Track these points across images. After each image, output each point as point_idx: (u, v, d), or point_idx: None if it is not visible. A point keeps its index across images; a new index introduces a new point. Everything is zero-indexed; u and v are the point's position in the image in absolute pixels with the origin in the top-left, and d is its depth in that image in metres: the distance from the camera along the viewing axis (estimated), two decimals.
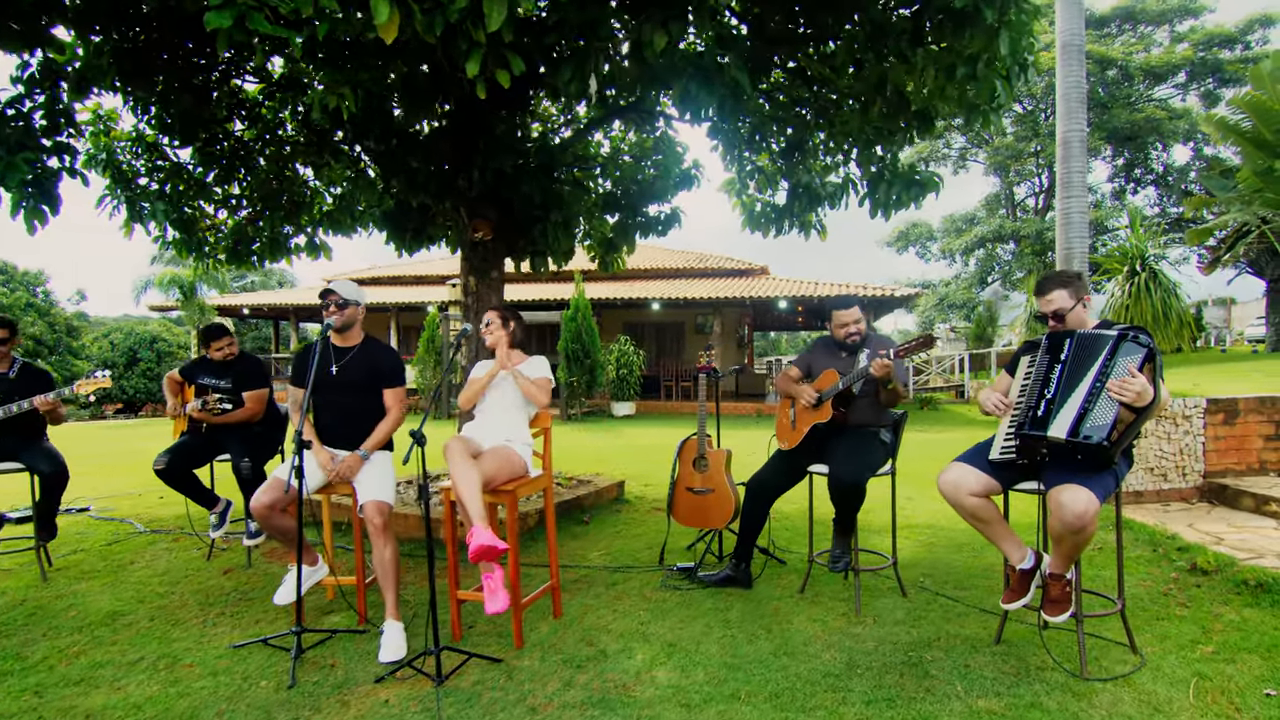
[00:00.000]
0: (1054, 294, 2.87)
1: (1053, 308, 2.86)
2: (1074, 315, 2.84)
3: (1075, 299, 2.83)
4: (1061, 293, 2.85)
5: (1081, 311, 2.84)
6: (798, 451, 3.60)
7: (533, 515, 5.05)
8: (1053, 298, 2.87)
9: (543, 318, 16.47)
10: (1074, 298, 2.83)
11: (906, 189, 5.56)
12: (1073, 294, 2.83)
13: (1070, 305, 2.83)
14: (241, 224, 6.66)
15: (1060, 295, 2.85)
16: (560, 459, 8.97)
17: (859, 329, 3.60)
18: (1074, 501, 2.46)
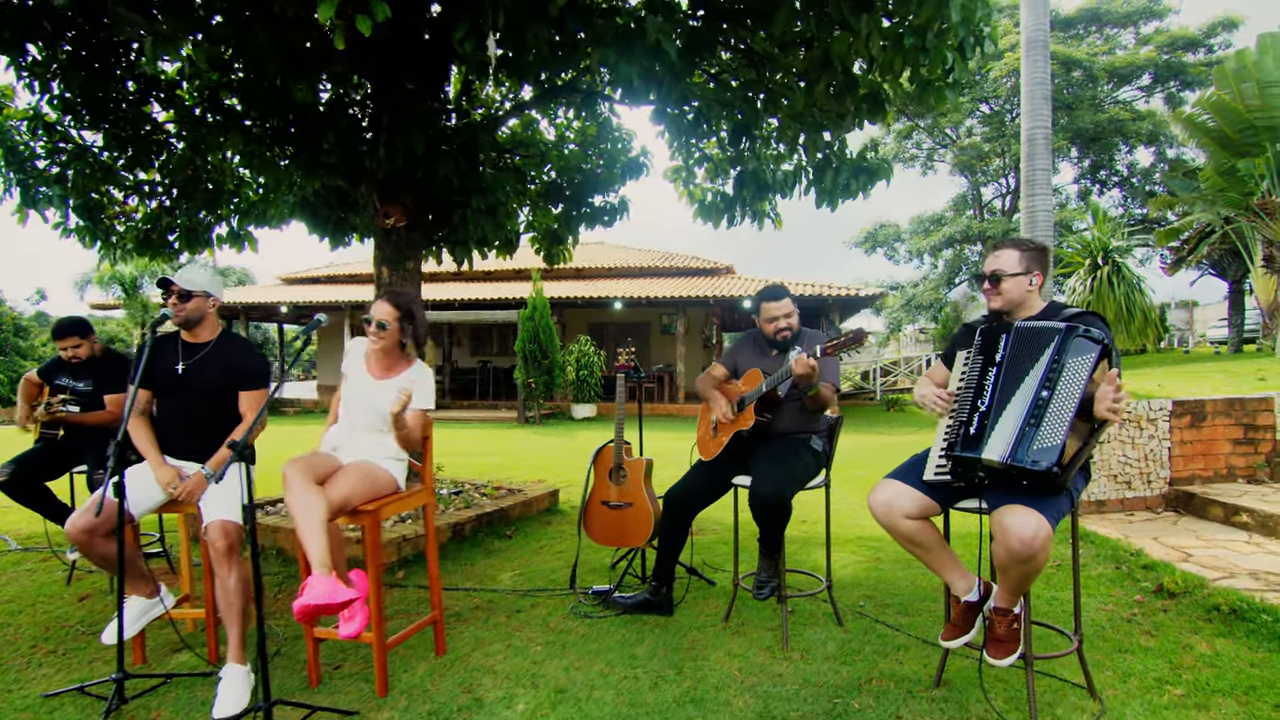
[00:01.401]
0: (1003, 251, 2.43)
1: (994, 266, 2.43)
2: (1014, 285, 2.39)
3: (1024, 268, 2.40)
4: (1011, 254, 2.41)
5: (1026, 287, 2.40)
6: (719, 462, 3.17)
7: (445, 530, 4.57)
8: (1000, 255, 2.43)
9: (500, 317, 15.94)
10: (1023, 266, 2.40)
11: (855, 176, 5.18)
12: (1023, 261, 2.41)
13: (1013, 272, 2.40)
14: (155, 212, 6.10)
15: (1008, 257, 2.41)
16: (504, 464, 8.48)
17: (790, 324, 3.17)
18: (1021, 526, 2.04)
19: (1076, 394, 2.05)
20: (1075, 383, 2.07)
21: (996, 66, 23.05)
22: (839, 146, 5.35)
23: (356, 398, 2.84)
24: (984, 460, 2.13)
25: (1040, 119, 14.09)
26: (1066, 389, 2.07)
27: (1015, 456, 2.06)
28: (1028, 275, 2.41)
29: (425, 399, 2.86)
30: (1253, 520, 4.11)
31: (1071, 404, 2.04)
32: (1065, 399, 2.06)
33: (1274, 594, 3.08)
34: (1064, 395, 2.07)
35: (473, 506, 5.09)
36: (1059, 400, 2.07)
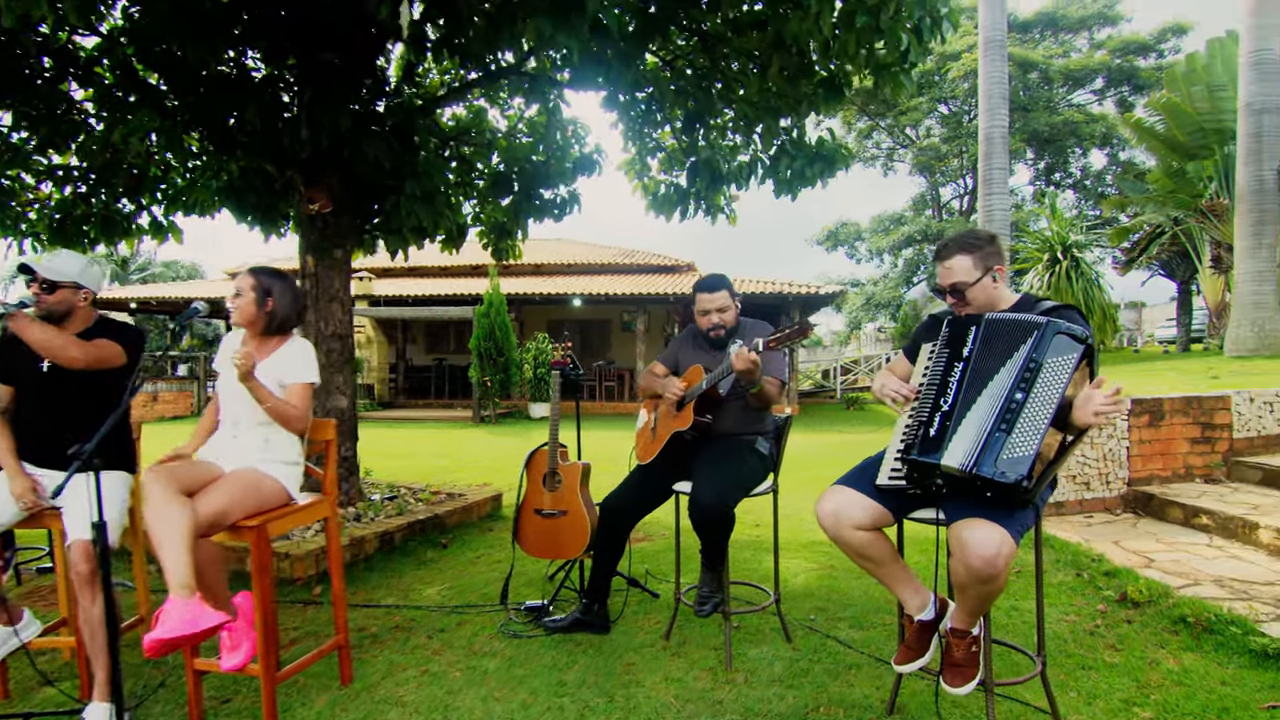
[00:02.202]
0: (953, 260, 2.22)
1: (951, 280, 2.21)
2: (979, 291, 2.19)
3: (982, 269, 2.19)
4: (964, 260, 2.19)
5: (991, 287, 2.20)
6: (658, 466, 2.91)
7: (371, 540, 4.23)
8: (952, 265, 2.21)
9: (456, 313, 15.49)
10: (980, 267, 2.19)
11: (812, 164, 4.97)
12: (979, 262, 2.19)
13: (974, 279, 2.19)
14: (69, 199, 5.64)
15: (961, 264, 2.19)
16: (452, 466, 8.12)
17: (723, 320, 2.91)
18: (981, 543, 1.82)
19: (1054, 398, 1.82)
20: (1054, 385, 1.84)
21: (954, 67, 23.25)
22: (796, 134, 5.14)
23: (231, 393, 2.50)
24: (943, 467, 1.90)
25: (998, 118, 14.18)
26: (1043, 392, 1.84)
27: (980, 465, 1.83)
28: (988, 274, 2.19)
29: (303, 371, 2.55)
30: (1213, 522, 3.99)
31: (1048, 409, 1.82)
32: (1041, 403, 1.83)
33: (1240, 603, 2.92)
34: (1040, 399, 1.84)
35: (405, 513, 4.76)
36: (1034, 404, 1.84)
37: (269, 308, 2.54)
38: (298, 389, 2.51)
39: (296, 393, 2.51)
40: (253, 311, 2.52)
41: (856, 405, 17.21)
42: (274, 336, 2.59)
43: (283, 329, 2.62)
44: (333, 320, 4.78)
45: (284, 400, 2.46)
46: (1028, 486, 1.78)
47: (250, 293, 2.52)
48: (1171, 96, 15.42)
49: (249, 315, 2.52)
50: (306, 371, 2.54)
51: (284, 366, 2.52)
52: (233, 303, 2.55)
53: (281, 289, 2.62)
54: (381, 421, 14.56)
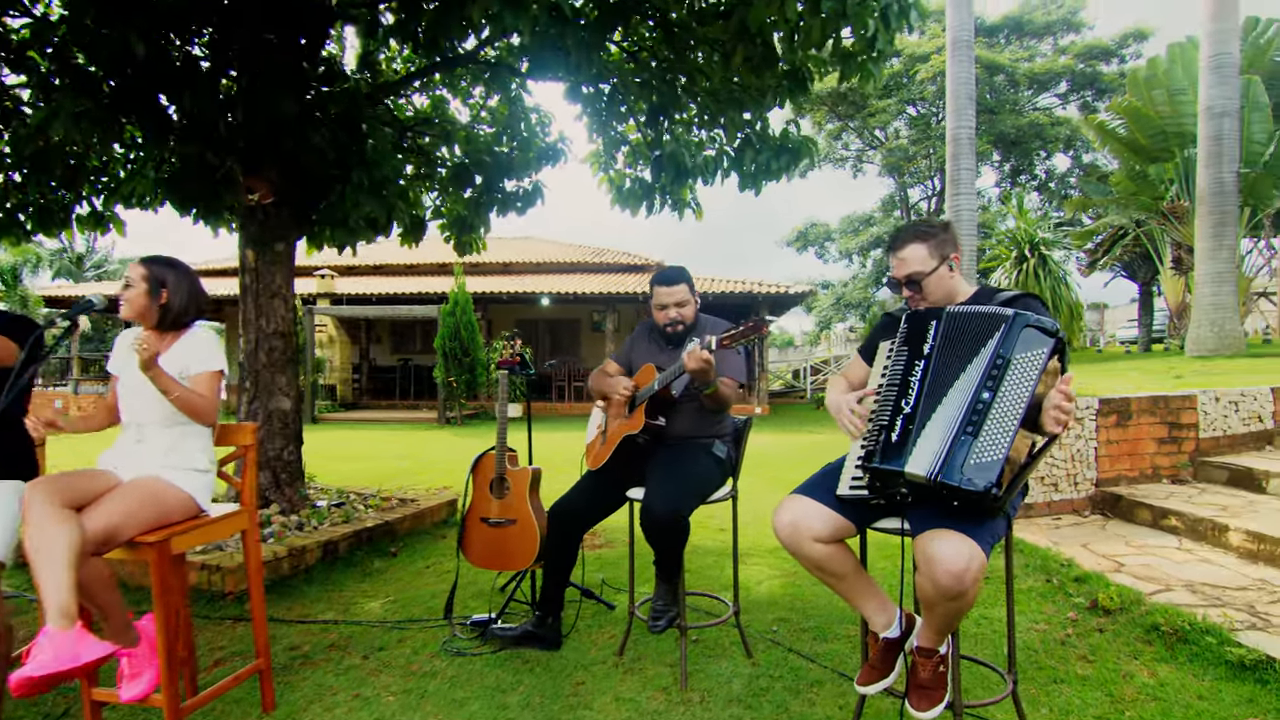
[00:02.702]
0: (908, 250, 2.07)
1: (906, 270, 2.06)
2: (936, 282, 2.05)
3: (938, 258, 2.05)
4: (918, 249, 2.05)
5: (948, 276, 2.06)
6: (610, 471, 2.73)
7: (313, 550, 4.00)
8: (906, 255, 2.07)
9: (422, 312, 15.15)
10: (936, 256, 2.05)
11: (776, 156, 4.83)
12: (934, 251, 2.05)
13: (930, 268, 2.04)
14: (1, 188, 5.30)
15: (916, 253, 2.05)
16: (412, 469, 7.84)
17: (681, 315, 2.74)
18: (950, 557, 1.66)
19: (1024, 397, 1.68)
20: (1023, 384, 1.69)
21: (923, 69, 23.40)
22: (760, 126, 5.00)
23: (133, 392, 2.26)
24: (907, 475, 1.74)
25: (965, 119, 14.22)
26: (1012, 391, 1.70)
27: (946, 473, 1.67)
28: (944, 263, 2.05)
29: (208, 359, 2.32)
30: (1182, 524, 3.92)
31: (1017, 410, 1.67)
32: (1010, 403, 1.69)
33: (1214, 609, 2.83)
34: (1009, 399, 1.69)
35: (353, 521, 4.52)
36: (1003, 405, 1.69)
37: (163, 300, 2.31)
38: (204, 378, 2.28)
39: (203, 382, 2.27)
40: (144, 304, 2.28)
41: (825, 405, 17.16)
42: (170, 331, 2.35)
43: (179, 323, 2.37)
44: (274, 317, 4.52)
45: (192, 390, 2.23)
46: (998, 495, 1.63)
47: (142, 283, 2.28)
48: (1133, 100, 15.62)
49: (140, 308, 2.28)
50: (211, 359, 2.31)
51: (186, 357, 2.29)
52: (123, 295, 2.31)
53: (177, 279, 2.38)
54: (344, 423, 14.19)
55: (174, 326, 2.34)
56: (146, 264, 2.32)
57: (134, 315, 2.30)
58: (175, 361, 2.29)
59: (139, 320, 2.32)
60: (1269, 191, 14.02)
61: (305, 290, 16.09)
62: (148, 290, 2.27)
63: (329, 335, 16.92)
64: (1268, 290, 19.17)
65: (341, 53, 6.30)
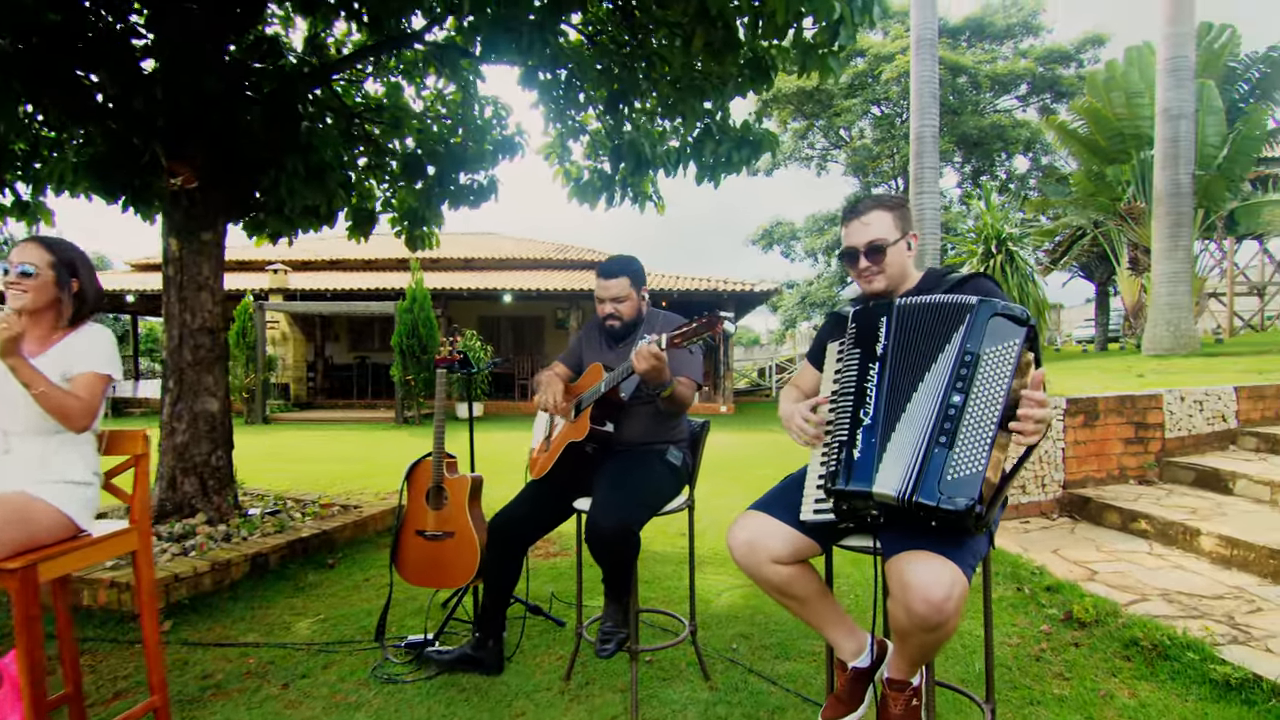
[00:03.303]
0: (873, 215, 1.88)
1: (870, 236, 1.87)
2: (897, 255, 1.87)
3: (900, 231, 1.87)
4: (883, 217, 1.87)
5: (906, 255, 1.88)
6: (554, 481, 2.50)
7: (239, 564, 3.69)
8: (870, 220, 1.88)
9: (379, 309, 14.71)
10: (899, 229, 1.87)
11: (737, 148, 4.64)
12: (898, 222, 1.87)
13: (894, 238, 1.86)
14: None
15: (882, 221, 1.86)
16: (364, 472, 7.48)
17: (619, 310, 2.51)
18: (928, 584, 1.47)
19: (999, 397, 1.49)
20: (997, 382, 1.50)
21: (887, 69, 23.53)
22: (721, 117, 4.80)
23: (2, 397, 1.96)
24: (876, 495, 1.54)
25: (929, 117, 14.22)
26: (986, 392, 1.51)
27: (922, 491, 1.47)
28: (905, 239, 1.86)
29: (96, 360, 2.02)
30: (1152, 528, 3.81)
31: (994, 413, 1.48)
32: (985, 406, 1.50)
33: (1193, 621, 2.69)
34: (983, 401, 1.50)
35: (287, 530, 4.22)
36: (977, 408, 1.50)
37: (75, 289, 2.01)
38: (87, 379, 1.97)
39: (84, 383, 1.97)
40: (53, 294, 1.98)
41: None
42: (65, 328, 2.05)
43: (79, 318, 2.08)
44: (201, 312, 4.19)
45: (61, 389, 1.93)
46: (980, 512, 1.44)
47: (48, 271, 1.97)
48: (1093, 101, 15.83)
49: (48, 298, 1.97)
50: (100, 361, 2.01)
51: (71, 356, 1.99)
52: (14, 285, 2.00)
53: (86, 265, 2.10)
54: (296, 423, 13.71)
55: (73, 322, 2.03)
56: (50, 247, 2.01)
57: (35, 308, 1.98)
58: (58, 359, 2.00)
59: (40, 314, 2.00)
60: (1222, 194, 14.29)
61: (257, 285, 15.54)
62: (55, 279, 1.97)
63: (282, 332, 16.36)
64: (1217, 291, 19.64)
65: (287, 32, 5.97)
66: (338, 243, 20.90)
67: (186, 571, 3.45)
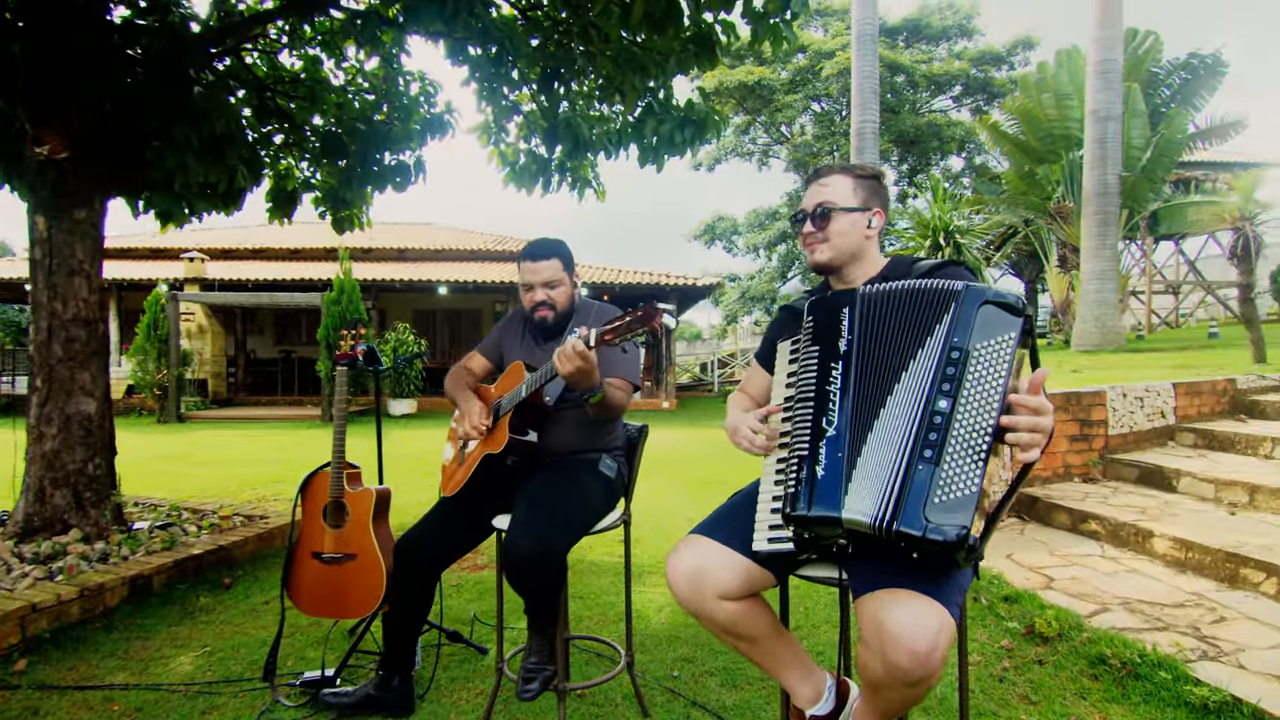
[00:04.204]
0: (830, 178, 1.64)
1: (819, 198, 1.63)
2: (849, 227, 1.62)
3: (860, 203, 1.62)
4: (844, 180, 1.63)
5: (864, 232, 1.63)
6: (469, 496, 2.17)
7: (116, 588, 3.23)
8: (827, 182, 1.64)
9: (305, 300, 13.95)
10: (858, 199, 1.62)
11: (680, 128, 4.37)
12: (859, 192, 1.63)
13: (845, 204, 1.61)
14: None
15: (839, 184, 1.63)
16: (280, 475, 6.91)
17: (551, 298, 2.21)
18: (912, 632, 1.21)
19: (994, 403, 1.25)
20: (991, 384, 1.26)
21: (828, 65, 23.68)
22: (664, 94, 4.52)
23: None
24: (846, 522, 1.28)
25: (869, 112, 14.29)
26: (978, 395, 1.26)
27: (904, 518, 1.21)
28: (865, 213, 1.61)
29: None
30: (1103, 529, 3.71)
31: (988, 420, 1.24)
32: (978, 412, 1.25)
33: (1160, 634, 2.55)
34: (975, 406, 1.25)
35: (178, 546, 3.76)
36: (968, 415, 1.25)
37: None
38: None
39: None
40: None
41: None
42: None
43: None
44: (74, 301, 3.69)
45: None
46: (974, 543, 1.19)
47: None
48: (1025, 101, 16.18)
49: None
50: None
51: None
52: None
53: None
54: (214, 421, 12.89)
55: None
56: None
57: None
58: None
59: None
60: (1146, 195, 14.78)
61: (171, 275, 14.58)
62: None
63: (198, 325, 15.40)
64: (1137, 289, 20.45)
65: None
66: (262, 231, 19.88)
67: (47, 600, 2.98)
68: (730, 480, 6.46)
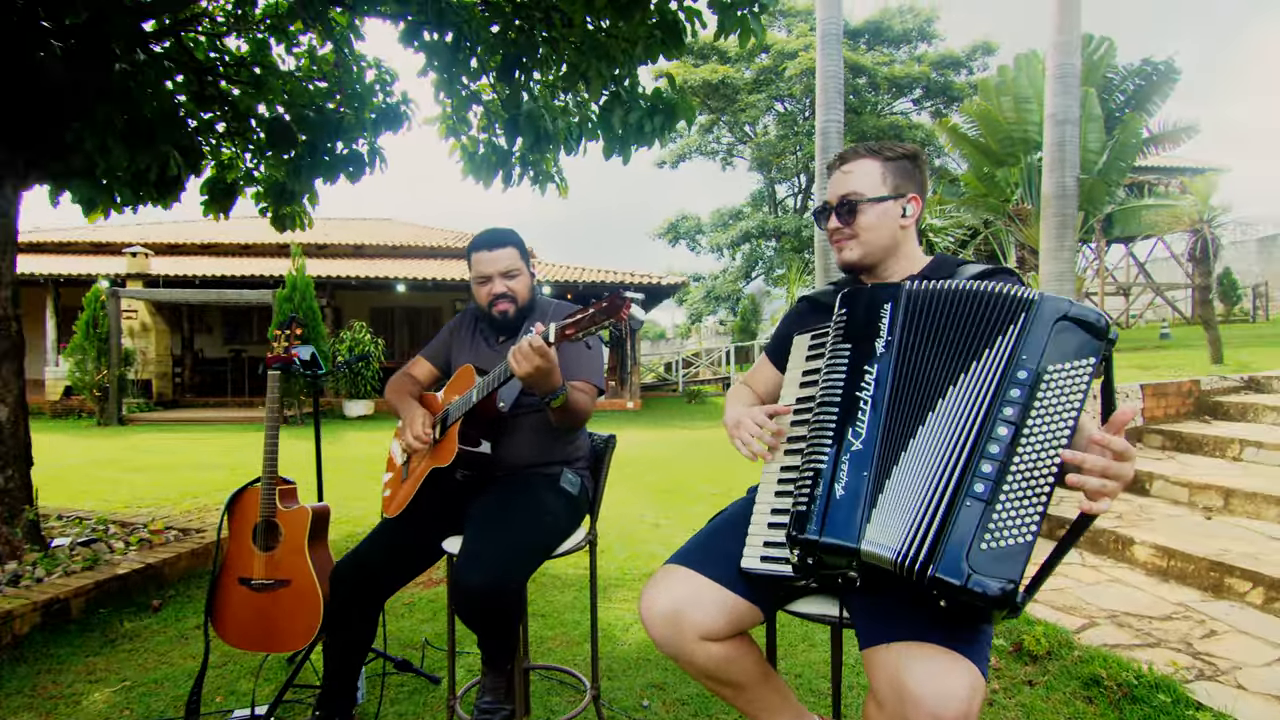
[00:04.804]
0: (855, 164, 1.46)
1: (844, 189, 1.45)
2: (879, 220, 1.44)
3: (892, 190, 1.44)
4: (870, 165, 1.45)
5: (899, 222, 1.45)
6: (416, 517, 1.94)
7: (26, 614, 2.92)
8: (851, 170, 1.46)
9: (254, 297, 13.41)
10: (890, 186, 1.44)
11: (649, 116, 4.18)
12: (890, 177, 1.45)
13: (874, 194, 1.43)
14: None
15: (865, 169, 1.45)
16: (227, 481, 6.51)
17: (512, 289, 1.98)
18: (941, 696, 1.03)
19: (1063, 439, 1.06)
20: (1063, 417, 1.07)
21: (791, 65, 23.75)
22: (629, 83, 4.33)
23: None
24: (865, 555, 1.10)
25: (834, 112, 14.25)
26: (1046, 427, 1.07)
27: (943, 562, 1.04)
28: (898, 201, 1.43)
29: None
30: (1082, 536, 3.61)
31: (1052, 458, 1.06)
32: (1043, 448, 1.07)
33: (1153, 651, 2.43)
34: (1041, 440, 1.07)
35: (100, 565, 3.44)
36: (1032, 449, 1.07)
37: None
38: None
39: None
40: None
41: (698, 399, 16.99)
42: None
43: None
44: None
45: None
46: (1022, 600, 1.02)
47: None
48: (985, 104, 16.36)
49: None
50: None
51: None
52: None
53: None
54: (158, 424, 12.32)
55: None
56: None
57: None
58: None
59: None
60: (1102, 197, 15.05)
61: (113, 270, 13.92)
62: None
63: (141, 323, 14.73)
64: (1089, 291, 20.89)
65: None
66: (211, 225, 19.16)
67: None
68: (697, 485, 6.29)
